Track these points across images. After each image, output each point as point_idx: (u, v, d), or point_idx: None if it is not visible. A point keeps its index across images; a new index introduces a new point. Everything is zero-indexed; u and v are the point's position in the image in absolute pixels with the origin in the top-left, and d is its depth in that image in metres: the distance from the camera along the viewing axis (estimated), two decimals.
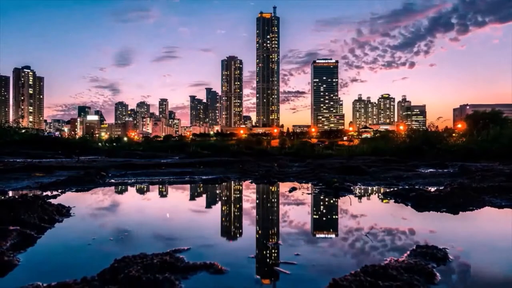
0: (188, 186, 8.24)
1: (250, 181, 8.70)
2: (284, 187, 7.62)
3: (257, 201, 6.28)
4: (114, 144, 56.99)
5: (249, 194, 7.15)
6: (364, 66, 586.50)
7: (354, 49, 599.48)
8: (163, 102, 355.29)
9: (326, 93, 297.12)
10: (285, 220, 4.46)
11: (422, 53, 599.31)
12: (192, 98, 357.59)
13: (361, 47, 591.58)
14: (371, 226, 3.74)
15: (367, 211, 4.99)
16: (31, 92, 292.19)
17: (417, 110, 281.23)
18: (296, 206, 5.41)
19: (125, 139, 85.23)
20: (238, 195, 7.10)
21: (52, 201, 4.82)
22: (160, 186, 8.07)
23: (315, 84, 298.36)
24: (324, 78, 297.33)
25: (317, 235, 3.78)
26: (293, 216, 4.65)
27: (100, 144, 51.22)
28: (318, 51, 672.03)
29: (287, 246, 3.17)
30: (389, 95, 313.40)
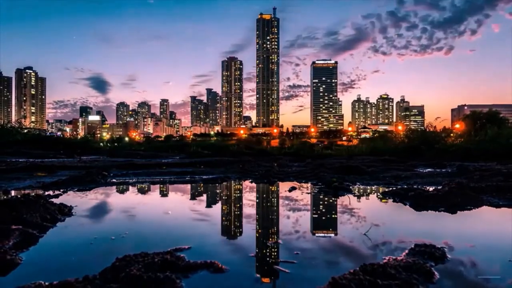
0: (188, 185, 8.27)
1: (250, 180, 8.73)
2: (284, 186, 7.65)
3: (257, 200, 6.31)
4: (116, 144, 56.92)
5: (249, 194, 7.18)
6: (392, 52, 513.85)
7: (387, 27, 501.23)
8: (164, 102, 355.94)
9: (326, 94, 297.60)
10: (285, 219, 4.49)
11: (468, 32, 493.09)
12: (193, 98, 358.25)
13: (397, 24, 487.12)
14: (370, 225, 3.76)
15: (366, 211, 5.02)
16: (33, 92, 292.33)
17: (416, 111, 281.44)
18: (296, 205, 5.44)
19: (127, 139, 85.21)
20: (238, 195, 7.12)
21: (54, 200, 4.87)
22: (161, 185, 8.10)
23: (315, 84, 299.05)
24: (324, 78, 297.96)
25: (317, 234, 3.80)
26: (293, 216, 4.68)
27: (101, 144, 51.18)
28: (341, 30, 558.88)
29: (286, 245, 3.19)
30: (387, 95, 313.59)
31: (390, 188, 6.50)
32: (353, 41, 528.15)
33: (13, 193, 6.29)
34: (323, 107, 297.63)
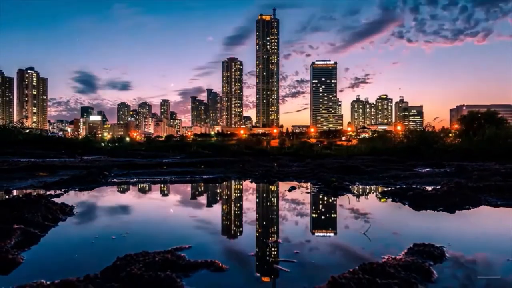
0: (189, 185, 8.31)
1: (250, 180, 8.76)
2: (283, 186, 7.67)
3: (257, 200, 6.33)
4: (117, 144, 57.13)
5: (249, 193, 7.20)
6: (419, 39, 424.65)
7: (418, 5, 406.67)
8: (164, 102, 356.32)
9: (325, 94, 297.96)
10: (285, 219, 4.51)
11: None
12: (193, 99, 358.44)
13: (433, 0, 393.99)
14: (369, 225, 3.78)
15: (365, 210, 5.03)
16: (35, 93, 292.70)
17: (414, 111, 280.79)
18: (296, 205, 5.46)
19: (127, 139, 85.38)
20: (238, 194, 7.14)
21: (56, 200, 4.89)
22: (162, 185, 8.12)
23: (314, 85, 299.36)
24: (323, 79, 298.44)
25: (316, 234, 3.83)
26: (293, 215, 4.70)
27: (102, 144, 51.41)
28: (364, 7, 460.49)
29: (286, 244, 3.21)
30: (386, 96, 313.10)
31: (389, 188, 6.53)
32: (376, 24, 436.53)
33: (15, 192, 6.31)
34: (323, 108, 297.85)
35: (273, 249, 3.14)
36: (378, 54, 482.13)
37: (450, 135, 29.18)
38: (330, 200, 5.94)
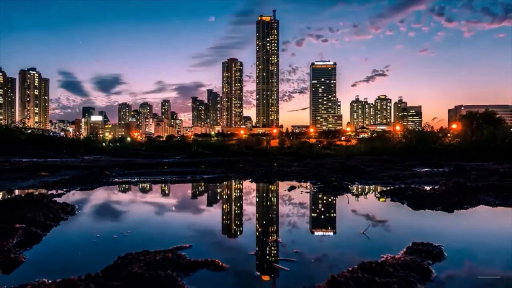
0: (190, 185, 8.34)
1: (250, 180, 8.77)
2: (283, 186, 7.69)
3: (257, 199, 6.35)
4: (118, 144, 57.30)
5: (249, 193, 7.22)
6: (457, 21, 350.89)
7: None
8: (165, 103, 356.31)
9: (325, 94, 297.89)
10: (284, 218, 4.52)
11: None
12: (194, 99, 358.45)
13: None
14: (368, 224, 3.80)
15: (364, 210, 5.05)
16: (36, 93, 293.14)
17: (413, 111, 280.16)
18: (295, 204, 5.48)
19: (129, 139, 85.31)
20: (238, 194, 7.16)
21: (57, 199, 4.91)
22: (163, 185, 8.14)
23: (314, 85, 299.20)
24: (323, 79, 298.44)
25: (316, 233, 3.85)
26: (292, 214, 4.71)
27: (104, 144, 51.62)
28: None
29: (286, 243, 3.24)
30: (385, 96, 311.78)
31: (388, 188, 6.55)
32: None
33: (17, 192, 6.32)
34: (322, 108, 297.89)
35: (273, 248, 3.17)
36: (406, 38, 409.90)
37: (449, 135, 29.20)
38: (330, 200, 5.96)
